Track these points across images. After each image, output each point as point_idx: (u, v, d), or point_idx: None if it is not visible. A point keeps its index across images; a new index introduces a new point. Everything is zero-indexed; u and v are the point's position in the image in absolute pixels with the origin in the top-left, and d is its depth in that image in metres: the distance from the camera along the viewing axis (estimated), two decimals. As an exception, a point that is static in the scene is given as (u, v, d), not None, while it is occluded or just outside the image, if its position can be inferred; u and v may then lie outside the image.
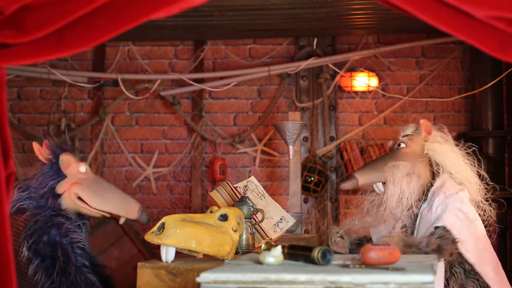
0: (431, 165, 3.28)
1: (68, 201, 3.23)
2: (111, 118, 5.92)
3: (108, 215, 3.34)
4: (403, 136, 3.40)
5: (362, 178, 3.34)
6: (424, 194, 3.25)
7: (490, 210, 3.24)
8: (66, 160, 3.28)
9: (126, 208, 3.26)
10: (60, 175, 3.25)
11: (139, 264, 2.74)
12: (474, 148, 3.38)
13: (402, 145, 3.35)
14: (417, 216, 3.23)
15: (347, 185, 3.39)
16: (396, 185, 3.24)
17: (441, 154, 3.28)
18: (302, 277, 1.94)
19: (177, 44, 5.96)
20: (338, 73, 5.75)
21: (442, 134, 3.38)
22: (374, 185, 3.35)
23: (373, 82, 5.78)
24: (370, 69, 5.79)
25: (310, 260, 2.16)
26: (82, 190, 3.23)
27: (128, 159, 5.90)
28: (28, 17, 1.93)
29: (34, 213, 3.13)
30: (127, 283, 4.30)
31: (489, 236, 3.28)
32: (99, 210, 3.26)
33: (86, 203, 3.23)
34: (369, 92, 5.78)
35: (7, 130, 2.01)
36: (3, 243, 1.99)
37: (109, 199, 3.26)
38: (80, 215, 3.30)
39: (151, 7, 1.91)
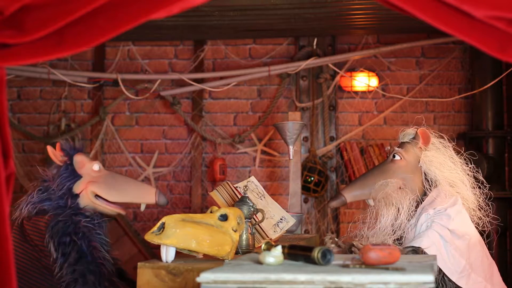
0: (425, 177, 3.22)
1: (86, 200, 3.35)
2: (111, 118, 5.92)
3: (123, 212, 3.48)
4: (400, 143, 3.33)
5: (349, 196, 3.30)
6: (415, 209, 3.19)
7: (487, 215, 3.21)
8: (80, 160, 3.38)
9: (143, 195, 3.39)
10: (76, 176, 3.36)
11: (139, 264, 2.74)
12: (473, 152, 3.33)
13: (397, 157, 3.27)
14: None
15: (334, 204, 3.36)
16: (387, 204, 3.18)
17: (436, 165, 3.21)
18: (302, 277, 1.94)
19: (177, 44, 5.97)
20: (338, 73, 5.75)
21: (441, 141, 3.30)
22: (366, 200, 3.31)
23: (373, 82, 5.78)
24: (370, 69, 5.79)
25: (310, 260, 2.16)
26: (98, 187, 3.34)
27: (128, 159, 5.90)
28: (28, 17, 1.93)
29: (55, 214, 3.24)
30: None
31: (488, 237, 3.26)
32: (118, 202, 3.39)
33: (104, 199, 3.36)
34: (369, 92, 5.78)
35: (7, 130, 2.01)
36: (3, 243, 1.99)
37: (125, 190, 3.38)
38: (99, 214, 3.40)
39: (151, 7, 1.91)
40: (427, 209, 3.12)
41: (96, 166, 3.39)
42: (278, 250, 2.17)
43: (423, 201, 3.19)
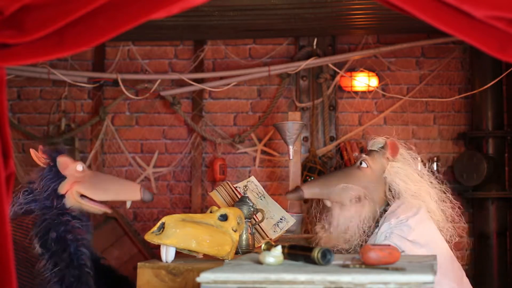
0: (390, 188, 3.19)
1: (71, 200, 3.37)
2: (111, 118, 5.92)
3: (109, 211, 3.49)
4: (369, 151, 3.30)
5: (308, 192, 3.26)
6: (376, 220, 3.16)
7: (454, 227, 3.18)
8: (63, 161, 3.41)
9: (128, 192, 3.40)
10: (60, 177, 3.38)
11: (139, 264, 2.74)
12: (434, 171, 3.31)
13: (363, 164, 3.23)
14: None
15: (291, 196, 3.33)
16: (343, 209, 3.16)
17: (402, 177, 3.17)
18: (302, 277, 1.94)
19: (177, 44, 5.96)
20: (338, 73, 5.75)
21: (410, 152, 3.27)
22: (324, 200, 3.27)
23: (373, 82, 5.78)
24: (370, 69, 5.79)
25: (310, 260, 2.16)
26: (83, 187, 3.36)
27: (128, 159, 5.90)
28: (28, 17, 1.93)
29: (42, 213, 3.27)
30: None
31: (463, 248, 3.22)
32: (103, 201, 3.40)
33: (89, 198, 3.37)
34: (369, 92, 5.78)
35: (7, 130, 2.01)
36: (3, 243, 1.99)
37: (109, 188, 3.41)
38: (84, 216, 3.42)
39: (151, 7, 1.91)
40: (389, 218, 3.09)
41: (79, 166, 3.41)
42: (278, 250, 2.17)
43: (385, 211, 3.16)
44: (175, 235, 2.63)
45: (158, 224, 2.68)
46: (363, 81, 5.77)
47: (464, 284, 3.09)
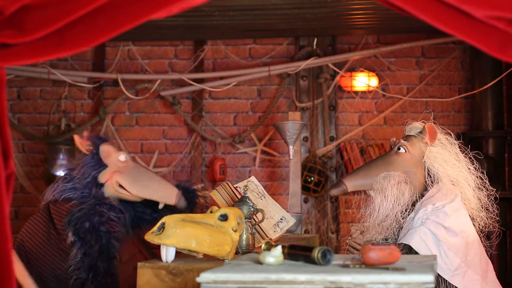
0: (428, 172, 3.20)
1: (111, 189, 3.39)
2: (111, 118, 5.92)
3: (146, 197, 3.47)
4: (406, 136, 3.32)
5: (350, 185, 3.27)
6: (414, 204, 3.18)
7: (491, 217, 3.20)
8: (106, 150, 3.42)
9: (165, 194, 3.43)
10: (101, 165, 3.40)
11: (139, 264, 2.74)
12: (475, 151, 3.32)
13: (402, 149, 3.25)
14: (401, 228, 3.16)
15: (335, 192, 3.33)
16: (386, 197, 3.16)
17: (440, 162, 3.19)
18: (302, 277, 1.94)
19: (177, 44, 5.97)
20: (338, 73, 5.75)
21: (447, 138, 3.29)
22: (367, 190, 3.29)
23: (373, 82, 5.78)
24: (370, 69, 5.79)
25: (310, 260, 2.16)
26: (123, 178, 3.38)
27: (128, 159, 5.90)
28: (28, 17, 1.93)
29: (80, 203, 3.30)
30: (127, 283, 4.30)
31: (488, 238, 3.25)
32: (139, 196, 3.42)
33: (127, 190, 3.39)
34: (369, 92, 5.78)
35: (7, 130, 2.01)
36: (3, 243, 1.99)
37: (148, 185, 3.42)
38: (124, 209, 3.44)
39: (151, 7, 1.91)
40: (426, 204, 3.11)
41: (122, 156, 3.42)
42: (278, 250, 2.17)
43: (423, 196, 3.18)
44: (175, 235, 2.63)
45: (158, 224, 2.68)
46: (363, 81, 5.77)
47: (489, 277, 3.10)
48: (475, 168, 3.24)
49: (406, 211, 3.16)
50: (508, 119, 5.59)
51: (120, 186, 3.39)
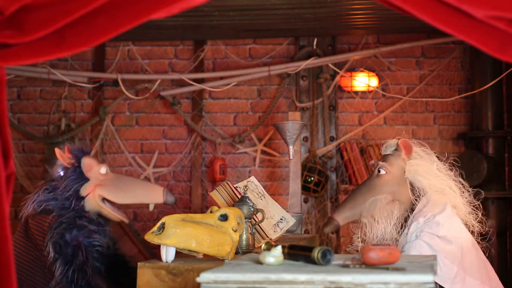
0: (413, 187, 3.21)
1: (92, 203, 3.35)
2: (111, 118, 5.92)
3: (126, 220, 3.48)
4: (383, 156, 3.32)
5: (341, 219, 3.29)
6: (406, 220, 3.19)
7: (481, 217, 3.20)
8: (88, 163, 3.39)
9: (151, 194, 3.41)
10: (83, 178, 3.37)
11: (139, 264, 2.74)
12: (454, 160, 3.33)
13: (382, 171, 3.26)
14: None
15: (328, 230, 3.37)
16: (377, 221, 3.18)
17: (422, 173, 3.20)
18: (302, 277, 1.94)
19: (177, 44, 5.96)
20: (338, 73, 5.75)
21: (423, 149, 3.29)
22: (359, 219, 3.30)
23: (373, 82, 5.78)
24: (370, 69, 5.79)
25: (310, 260, 2.16)
26: (106, 191, 3.35)
27: (128, 159, 5.90)
28: (28, 17, 1.93)
29: (59, 214, 3.26)
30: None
31: (488, 239, 3.25)
32: (126, 203, 3.40)
33: (111, 202, 3.37)
34: (369, 92, 5.78)
35: (7, 130, 2.01)
36: (3, 243, 1.99)
37: (132, 191, 3.40)
38: (104, 221, 3.41)
39: (151, 7, 1.91)
40: (417, 218, 3.12)
41: (103, 169, 3.39)
42: (278, 250, 2.17)
43: (413, 210, 3.19)
44: (175, 235, 2.63)
45: (158, 224, 2.68)
46: (363, 81, 5.77)
47: (492, 280, 3.10)
48: (455, 174, 3.24)
49: (401, 228, 3.18)
50: (508, 119, 5.59)
51: (103, 200, 3.35)
